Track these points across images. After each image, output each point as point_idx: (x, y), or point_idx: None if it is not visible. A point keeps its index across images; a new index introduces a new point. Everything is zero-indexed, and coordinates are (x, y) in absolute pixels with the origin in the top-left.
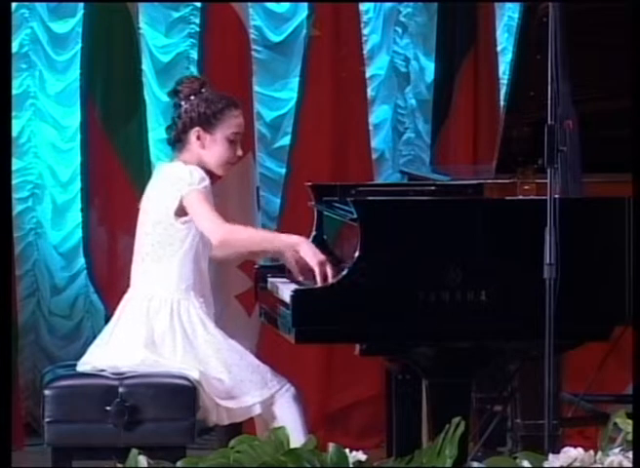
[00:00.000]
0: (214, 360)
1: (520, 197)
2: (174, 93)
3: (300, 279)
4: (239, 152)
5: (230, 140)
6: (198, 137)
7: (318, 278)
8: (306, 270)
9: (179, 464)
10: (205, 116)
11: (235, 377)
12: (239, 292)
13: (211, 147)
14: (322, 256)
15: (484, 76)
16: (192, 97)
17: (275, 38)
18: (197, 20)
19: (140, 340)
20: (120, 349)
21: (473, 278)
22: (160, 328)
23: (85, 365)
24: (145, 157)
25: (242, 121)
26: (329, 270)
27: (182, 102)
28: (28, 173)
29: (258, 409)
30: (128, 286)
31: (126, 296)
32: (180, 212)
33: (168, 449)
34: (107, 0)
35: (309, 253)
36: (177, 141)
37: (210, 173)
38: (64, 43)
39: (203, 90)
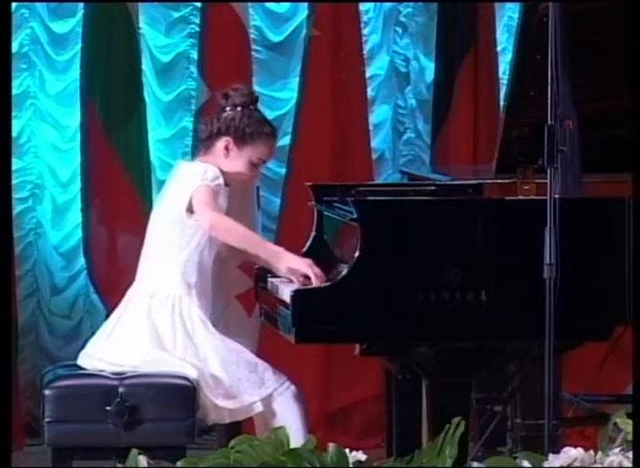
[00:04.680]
0: (212, 357)
1: (520, 197)
2: (224, 95)
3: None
4: (257, 178)
5: (253, 164)
6: (226, 147)
7: (314, 280)
8: (299, 275)
9: (179, 464)
10: (241, 132)
11: (233, 376)
12: (239, 291)
13: (233, 160)
14: (307, 260)
15: (484, 76)
16: (239, 109)
17: (275, 38)
18: (197, 20)
19: (143, 335)
20: (123, 344)
21: (473, 278)
22: (161, 324)
23: (86, 356)
24: (145, 157)
25: (273, 151)
26: (318, 269)
27: (228, 108)
28: (28, 173)
29: (259, 407)
30: (128, 285)
31: (129, 291)
32: (191, 208)
33: (168, 449)
34: (107, 0)
35: (295, 262)
36: (205, 140)
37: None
38: (64, 43)
39: (252, 106)
